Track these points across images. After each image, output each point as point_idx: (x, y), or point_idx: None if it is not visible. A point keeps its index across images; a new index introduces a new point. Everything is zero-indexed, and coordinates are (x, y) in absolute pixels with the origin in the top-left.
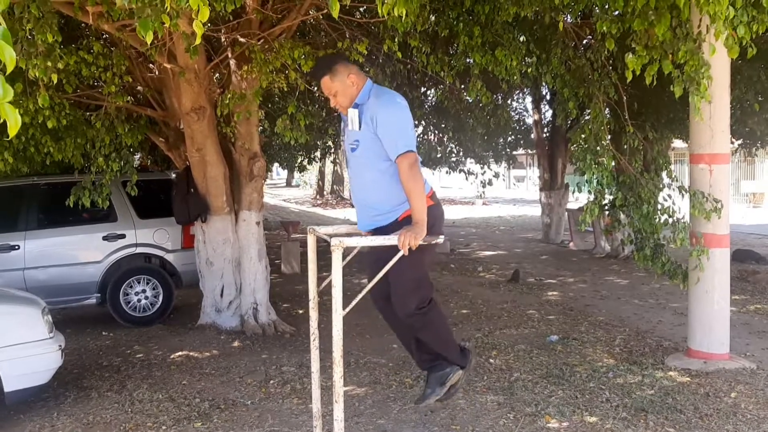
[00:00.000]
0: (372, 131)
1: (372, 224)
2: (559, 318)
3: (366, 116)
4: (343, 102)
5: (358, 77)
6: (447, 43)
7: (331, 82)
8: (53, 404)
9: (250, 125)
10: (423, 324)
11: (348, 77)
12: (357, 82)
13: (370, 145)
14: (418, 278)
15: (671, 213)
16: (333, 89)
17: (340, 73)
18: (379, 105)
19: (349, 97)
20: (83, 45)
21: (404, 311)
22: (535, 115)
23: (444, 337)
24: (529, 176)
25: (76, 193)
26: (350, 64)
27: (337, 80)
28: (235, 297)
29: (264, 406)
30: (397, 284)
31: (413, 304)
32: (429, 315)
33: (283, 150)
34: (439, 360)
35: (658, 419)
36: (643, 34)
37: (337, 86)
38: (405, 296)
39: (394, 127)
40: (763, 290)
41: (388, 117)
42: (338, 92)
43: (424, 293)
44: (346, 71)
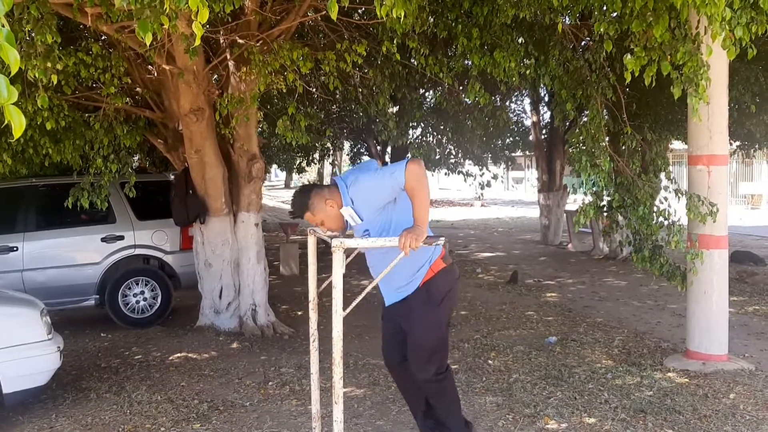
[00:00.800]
0: (372, 211)
1: (398, 296)
2: (558, 319)
3: (358, 206)
4: (333, 225)
5: (333, 195)
6: (446, 44)
7: (314, 216)
8: (52, 406)
9: (249, 127)
10: (439, 390)
11: (326, 203)
12: (335, 201)
13: (379, 224)
14: (437, 340)
15: (667, 215)
16: (318, 220)
17: (317, 205)
18: (359, 188)
19: (336, 218)
20: (82, 46)
21: (423, 376)
22: (534, 116)
23: (454, 406)
24: (528, 178)
25: (75, 195)
26: (320, 189)
27: (318, 211)
28: (234, 298)
29: (263, 408)
30: (416, 347)
31: (432, 369)
32: (446, 381)
33: (281, 151)
34: (443, 430)
35: (656, 420)
36: (642, 36)
37: (320, 216)
38: (424, 360)
39: (380, 178)
40: (761, 291)
41: (371, 182)
42: (324, 220)
43: (442, 357)
44: (321, 200)
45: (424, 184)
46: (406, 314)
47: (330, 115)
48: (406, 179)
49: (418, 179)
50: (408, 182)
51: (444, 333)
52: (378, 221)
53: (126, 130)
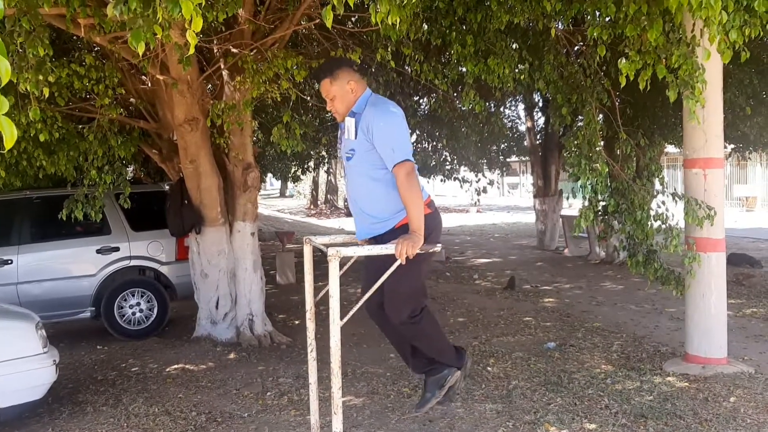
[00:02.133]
0: (368, 140)
1: (370, 232)
2: (556, 325)
3: (362, 125)
4: (340, 108)
5: (358, 85)
6: (440, 52)
7: (330, 85)
8: (48, 420)
9: (244, 136)
10: (416, 332)
11: (348, 84)
12: (356, 90)
13: (366, 154)
14: (413, 288)
15: (664, 219)
16: (331, 93)
17: (340, 79)
18: (374, 114)
19: (346, 103)
20: (75, 58)
21: (397, 319)
22: (528, 122)
23: (438, 343)
24: (523, 183)
25: (69, 206)
26: (353, 72)
27: (337, 85)
28: (231, 308)
29: (261, 419)
30: (391, 293)
31: (406, 313)
32: (422, 323)
33: (276, 160)
34: (435, 363)
35: (657, 425)
36: (636, 40)
37: (335, 91)
38: (398, 305)
39: (389, 137)
40: (758, 294)
41: (384, 127)
42: (336, 97)
43: (417, 302)
44: (346, 77)
45: (414, 191)
46: (384, 257)
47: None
48: (396, 177)
49: (408, 187)
50: (399, 186)
51: (420, 277)
52: (366, 149)
53: (120, 140)
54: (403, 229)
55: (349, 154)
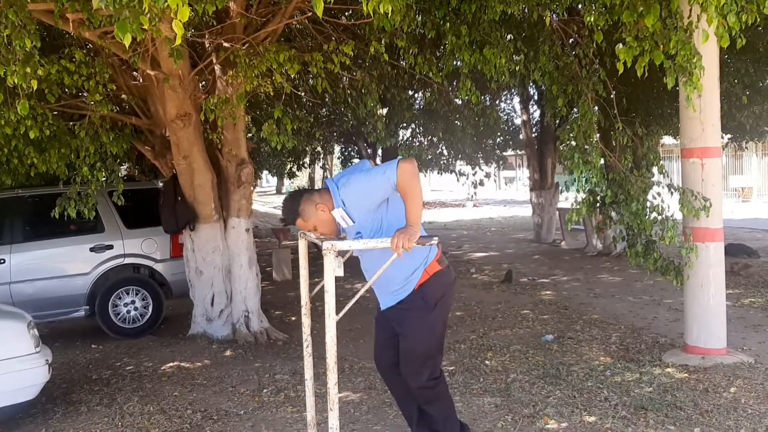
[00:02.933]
0: (363, 212)
1: (394, 300)
2: (554, 317)
3: (350, 208)
4: (326, 230)
5: (324, 199)
6: (434, 44)
7: (305, 222)
8: (41, 420)
9: (237, 131)
10: (432, 396)
11: (317, 208)
12: (326, 205)
13: (371, 225)
14: (431, 346)
15: (660, 211)
16: (310, 226)
17: (308, 211)
18: (350, 189)
19: (328, 223)
20: (65, 54)
21: (416, 382)
22: (524, 115)
23: (449, 412)
24: (519, 177)
25: (62, 204)
26: (311, 194)
27: (309, 217)
28: (226, 306)
29: (257, 416)
30: (409, 354)
31: (425, 375)
32: (439, 387)
33: (272, 156)
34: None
35: (658, 417)
36: (633, 26)
37: (312, 221)
38: (417, 366)
39: (371, 181)
40: (756, 284)
41: (361, 186)
42: (316, 225)
43: (435, 363)
44: (312, 205)
45: (416, 183)
46: (400, 318)
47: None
48: (398, 178)
49: (410, 178)
50: (400, 181)
51: (438, 338)
52: (370, 223)
53: (112, 137)
54: (422, 287)
55: (357, 237)
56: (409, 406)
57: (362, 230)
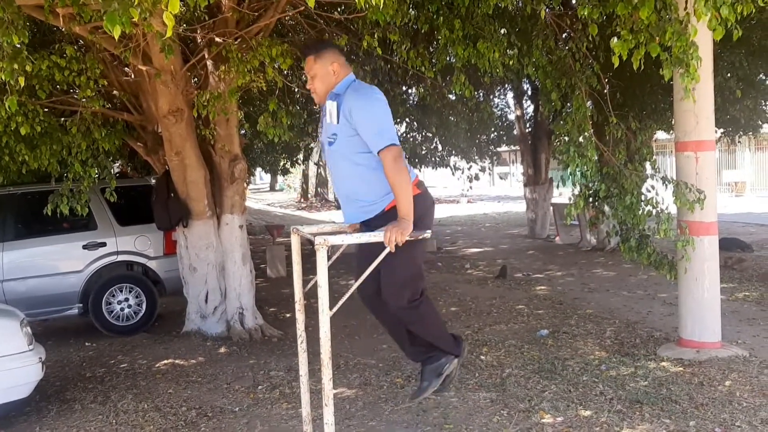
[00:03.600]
0: (350, 125)
1: (360, 216)
2: (549, 312)
3: (344, 109)
4: (320, 88)
5: (341, 68)
6: (428, 39)
7: (313, 62)
8: (35, 418)
9: (230, 127)
10: (416, 317)
11: (331, 65)
12: (338, 72)
13: (348, 138)
14: (410, 274)
15: (655, 204)
16: (313, 71)
17: (324, 58)
18: (356, 98)
19: (327, 84)
20: (55, 49)
21: (396, 304)
22: (517, 110)
23: (437, 329)
24: (513, 173)
25: (54, 201)
26: (339, 55)
27: (320, 64)
28: (220, 302)
29: (252, 413)
30: (388, 279)
31: (405, 298)
32: (421, 308)
33: (265, 153)
34: (433, 351)
35: (653, 410)
36: (628, 19)
37: (317, 69)
38: (397, 290)
39: (374, 121)
40: (750, 278)
41: (367, 111)
42: (317, 76)
43: (416, 285)
44: (331, 58)
45: (402, 176)
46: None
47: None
48: (384, 162)
49: (396, 172)
50: (386, 171)
51: (415, 262)
52: (348, 133)
53: (104, 133)
54: (393, 211)
55: (331, 139)
56: (397, 330)
57: (339, 134)
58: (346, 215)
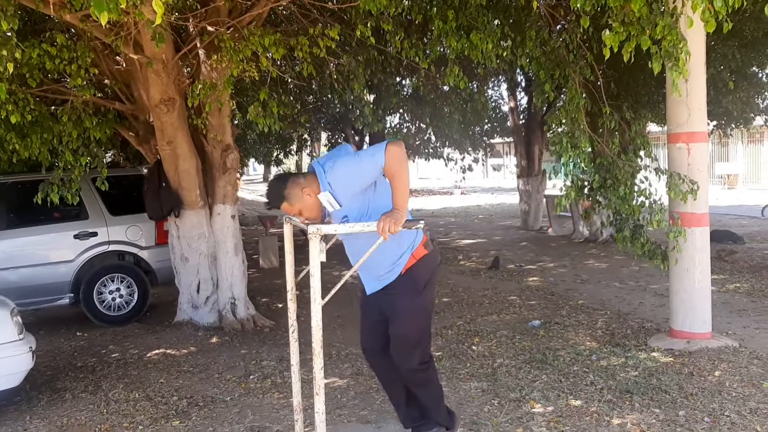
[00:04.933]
0: (350, 196)
1: (380, 284)
2: (541, 303)
3: (337, 191)
4: (311, 214)
5: (310, 184)
6: (421, 29)
7: (291, 206)
8: (26, 407)
9: (222, 116)
10: (424, 379)
11: (303, 192)
12: (312, 189)
13: (358, 209)
14: (422, 329)
15: (648, 195)
16: (296, 210)
17: (294, 195)
18: (335, 172)
19: (314, 207)
20: (46, 38)
21: (407, 366)
22: (511, 102)
23: (437, 396)
24: (506, 164)
25: (45, 190)
26: (297, 178)
27: (295, 201)
28: (212, 292)
29: (244, 402)
30: (399, 338)
31: (416, 359)
32: (430, 370)
33: (258, 144)
34: (426, 419)
35: (643, 400)
36: (620, 11)
37: (298, 206)
38: (408, 350)
39: (358, 164)
40: (741, 269)
41: (348, 169)
42: (302, 210)
43: (426, 346)
44: (298, 189)
45: (404, 167)
46: (390, 302)
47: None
48: (386, 161)
49: (398, 161)
50: (388, 164)
51: (428, 320)
52: (357, 207)
53: (95, 122)
54: (409, 271)
55: (344, 221)
56: (396, 390)
57: (349, 214)
58: (368, 287)
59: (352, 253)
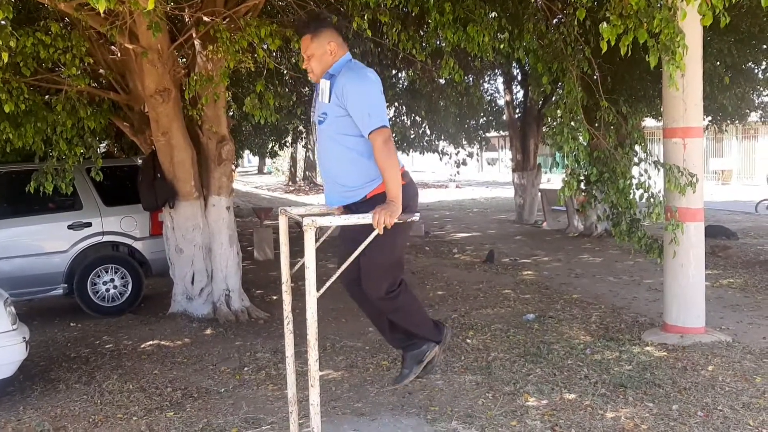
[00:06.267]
0: (341, 105)
1: (341, 200)
2: (535, 297)
3: (336, 88)
4: (316, 68)
5: (338, 48)
6: (418, 22)
7: (310, 42)
8: (19, 398)
9: (218, 108)
10: (394, 307)
11: (328, 44)
12: (335, 52)
13: (338, 119)
14: (390, 261)
15: (647, 188)
16: (309, 50)
17: (321, 37)
18: (350, 78)
19: (323, 64)
20: (40, 26)
21: (375, 294)
22: (507, 95)
23: (417, 317)
24: (501, 158)
25: (38, 179)
26: (336, 34)
27: (316, 43)
28: (207, 284)
29: (238, 394)
30: (368, 267)
31: (384, 288)
32: (400, 297)
33: (253, 135)
34: (414, 338)
35: (636, 394)
36: (618, 4)
37: (314, 49)
38: (376, 280)
39: (365, 102)
40: (734, 265)
41: (359, 92)
42: (314, 56)
43: (395, 276)
44: (328, 37)
45: (391, 158)
46: (360, 229)
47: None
48: (373, 144)
49: (386, 154)
50: (376, 153)
51: (397, 250)
52: (338, 114)
53: (90, 112)
54: (374, 199)
55: (321, 118)
56: (378, 317)
57: (329, 113)
58: (327, 198)
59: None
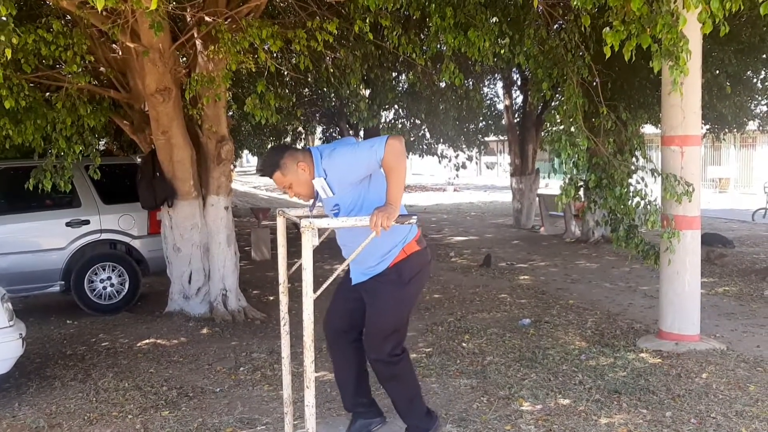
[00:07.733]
0: (345, 186)
1: (366, 276)
2: (531, 302)
3: (331, 178)
4: (301, 191)
5: (306, 159)
6: (419, 26)
7: (283, 177)
8: (15, 394)
9: (218, 107)
10: (392, 373)
11: (297, 167)
12: (307, 166)
13: (350, 200)
14: (398, 320)
15: (643, 196)
16: (287, 182)
17: (288, 166)
18: (334, 160)
19: (305, 184)
20: (42, 23)
21: (377, 355)
22: (506, 100)
23: (412, 391)
24: (500, 163)
25: (37, 176)
26: (296, 152)
27: (288, 174)
28: (204, 283)
29: (234, 393)
30: (374, 323)
31: (388, 349)
32: (401, 364)
33: (252, 135)
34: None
35: (631, 401)
36: (620, 10)
37: (290, 179)
38: (381, 338)
39: (359, 148)
40: (730, 273)
41: (348, 153)
42: (293, 183)
43: (400, 338)
44: (293, 161)
45: (402, 162)
46: (371, 289)
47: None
48: (385, 154)
49: (397, 156)
50: (387, 157)
51: (406, 313)
52: (350, 197)
53: (90, 110)
54: (397, 267)
55: (335, 210)
56: (346, 375)
57: (341, 203)
58: (354, 278)
59: (344, 243)
